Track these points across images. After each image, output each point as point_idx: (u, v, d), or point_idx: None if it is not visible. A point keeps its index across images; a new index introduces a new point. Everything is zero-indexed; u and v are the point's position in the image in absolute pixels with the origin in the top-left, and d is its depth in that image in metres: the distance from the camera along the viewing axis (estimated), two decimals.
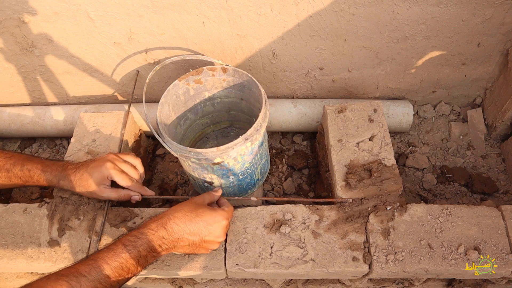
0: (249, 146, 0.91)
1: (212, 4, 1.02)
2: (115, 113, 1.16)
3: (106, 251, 0.77)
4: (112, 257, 0.76)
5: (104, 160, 0.93)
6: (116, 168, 0.93)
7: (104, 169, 0.92)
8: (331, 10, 1.03)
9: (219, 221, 0.85)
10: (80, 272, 0.71)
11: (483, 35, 1.12)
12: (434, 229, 0.91)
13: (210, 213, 0.85)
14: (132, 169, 0.97)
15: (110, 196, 0.93)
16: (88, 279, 0.71)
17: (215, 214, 0.85)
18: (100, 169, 0.92)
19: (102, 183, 0.92)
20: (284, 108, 1.27)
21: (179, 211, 0.84)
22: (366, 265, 0.88)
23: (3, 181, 0.94)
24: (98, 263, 0.74)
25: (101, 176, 0.92)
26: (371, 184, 0.96)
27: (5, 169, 0.94)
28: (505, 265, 0.86)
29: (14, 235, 0.95)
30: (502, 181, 1.23)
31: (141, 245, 0.79)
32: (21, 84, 1.30)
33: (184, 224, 0.83)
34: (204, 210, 0.85)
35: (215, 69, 1.04)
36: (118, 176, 0.93)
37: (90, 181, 0.92)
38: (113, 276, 0.74)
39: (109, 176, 0.92)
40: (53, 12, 1.05)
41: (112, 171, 0.92)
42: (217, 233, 0.85)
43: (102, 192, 0.92)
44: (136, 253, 0.78)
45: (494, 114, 1.27)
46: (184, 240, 0.83)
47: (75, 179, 0.92)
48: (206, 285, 1.10)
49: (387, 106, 1.27)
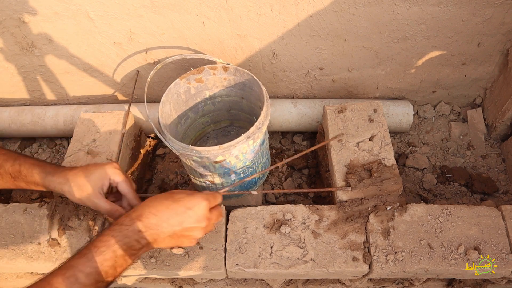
0: (251, 144, 0.91)
1: (212, 4, 1.02)
2: (115, 113, 1.16)
3: (78, 257, 0.69)
4: (85, 264, 0.68)
5: (107, 163, 0.87)
6: (121, 171, 0.86)
7: (108, 168, 0.84)
8: (331, 10, 1.03)
9: (198, 203, 0.76)
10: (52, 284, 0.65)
11: (483, 35, 1.12)
12: (434, 229, 0.91)
13: (188, 197, 0.76)
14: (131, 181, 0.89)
15: (102, 206, 0.82)
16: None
17: (193, 196, 0.77)
18: (103, 168, 0.84)
19: (100, 184, 0.83)
20: (284, 108, 1.27)
21: (153, 200, 0.76)
22: (366, 265, 0.88)
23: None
24: (71, 272, 0.66)
25: (102, 175, 0.83)
26: (371, 184, 0.96)
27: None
28: (505, 265, 0.86)
29: (14, 235, 0.95)
30: (502, 181, 1.23)
31: (115, 244, 0.70)
32: (21, 84, 1.30)
33: (162, 213, 0.74)
34: (181, 196, 0.77)
35: (216, 68, 1.04)
36: (122, 179, 0.85)
37: (88, 178, 0.82)
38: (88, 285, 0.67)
39: (113, 176, 0.84)
40: (53, 12, 1.05)
41: (117, 171, 0.85)
42: (198, 217, 0.75)
43: (96, 197, 0.82)
44: (111, 254, 0.70)
45: (494, 114, 1.27)
46: (164, 231, 0.74)
47: (68, 175, 0.82)
48: (206, 285, 1.10)
49: (387, 106, 1.27)
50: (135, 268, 0.91)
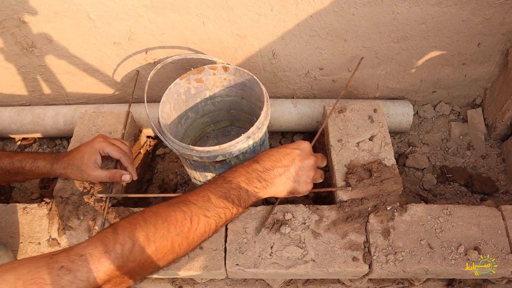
0: (251, 144, 0.91)
1: (212, 4, 1.02)
2: (115, 113, 1.16)
3: (209, 184, 0.79)
4: (215, 188, 0.77)
5: (95, 138, 0.96)
6: (107, 141, 0.95)
7: (96, 142, 0.94)
8: (331, 10, 1.03)
9: (302, 143, 0.86)
10: (189, 200, 0.74)
11: (483, 35, 1.12)
12: (434, 229, 0.91)
13: (291, 144, 0.87)
14: (122, 144, 1.00)
15: (101, 175, 0.93)
16: (197, 206, 0.73)
17: (296, 142, 0.87)
18: (92, 144, 0.94)
19: (93, 160, 0.92)
20: (284, 108, 1.27)
21: (265, 152, 0.85)
22: (366, 265, 0.88)
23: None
24: (204, 193, 0.76)
25: (92, 151, 0.93)
26: (371, 184, 0.96)
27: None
28: (505, 265, 0.86)
29: (14, 235, 0.95)
30: (502, 181, 1.23)
31: (240, 176, 0.79)
32: (21, 84, 1.30)
33: (274, 156, 0.82)
34: (285, 145, 0.87)
35: (216, 68, 1.04)
36: (109, 147, 0.94)
37: (82, 158, 0.92)
38: (218, 206, 0.75)
39: (101, 148, 0.93)
40: (53, 12, 1.05)
41: (103, 143, 0.94)
42: (305, 152, 0.84)
43: (92, 171, 0.92)
44: (236, 185, 0.78)
45: (494, 114, 1.27)
46: (280, 171, 0.82)
47: (68, 159, 0.93)
48: (206, 285, 1.10)
49: (387, 106, 1.27)
50: None
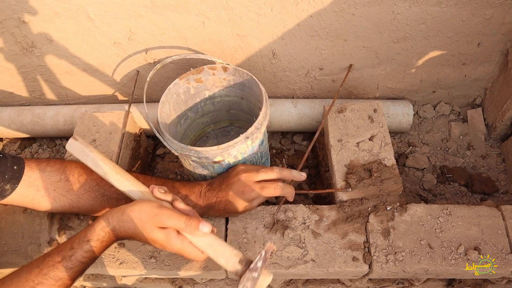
0: (250, 144, 0.91)
1: (212, 4, 1.02)
2: (115, 113, 1.16)
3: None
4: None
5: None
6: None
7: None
8: (331, 10, 1.03)
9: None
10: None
11: (483, 35, 1.12)
12: (434, 229, 0.91)
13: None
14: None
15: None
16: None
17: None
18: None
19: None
20: (284, 108, 1.27)
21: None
22: (366, 265, 0.88)
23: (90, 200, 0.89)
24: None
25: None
26: (371, 184, 0.96)
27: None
28: (505, 265, 0.86)
29: (14, 235, 0.95)
30: (502, 181, 1.23)
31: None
32: (21, 84, 1.30)
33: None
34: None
35: (215, 68, 1.04)
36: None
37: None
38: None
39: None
40: (53, 12, 1.05)
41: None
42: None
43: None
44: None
45: (494, 114, 1.27)
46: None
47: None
48: (206, 285, 1.10)
49: (387, 106, 1.27)
50: (135, 268, 0.91)
